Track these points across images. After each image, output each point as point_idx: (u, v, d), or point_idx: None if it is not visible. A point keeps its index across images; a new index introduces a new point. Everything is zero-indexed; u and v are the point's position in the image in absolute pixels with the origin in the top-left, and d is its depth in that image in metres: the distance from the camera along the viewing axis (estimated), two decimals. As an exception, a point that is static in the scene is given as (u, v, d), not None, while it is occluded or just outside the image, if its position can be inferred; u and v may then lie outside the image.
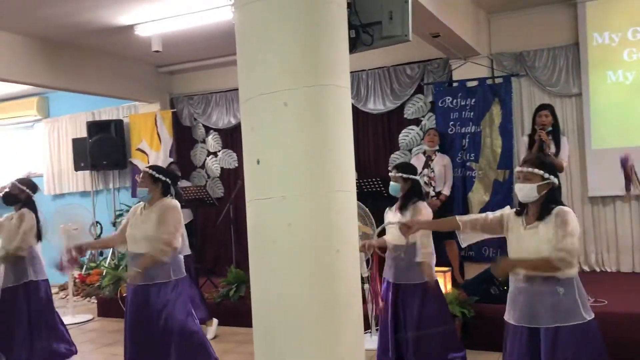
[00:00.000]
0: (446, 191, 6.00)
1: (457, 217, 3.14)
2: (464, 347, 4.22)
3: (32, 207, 4.89)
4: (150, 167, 4.06)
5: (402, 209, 4.00)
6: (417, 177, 4.11)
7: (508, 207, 3.04)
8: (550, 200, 2.81)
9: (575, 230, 2.72)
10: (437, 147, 6.07)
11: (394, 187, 4.03)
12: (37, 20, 5.83)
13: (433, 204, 5.67)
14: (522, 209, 2.90)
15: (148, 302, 3.80)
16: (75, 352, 4.95)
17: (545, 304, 2.75)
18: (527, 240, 2.81)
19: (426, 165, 6.00)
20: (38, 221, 4.87)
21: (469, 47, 5.91)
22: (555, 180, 2.83)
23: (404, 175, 4.01)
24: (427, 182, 5.89)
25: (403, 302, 4.02)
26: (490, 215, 3.05)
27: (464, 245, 3.25)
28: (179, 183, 5.11)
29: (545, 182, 2.80)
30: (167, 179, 3.99)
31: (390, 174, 4.14)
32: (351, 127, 2.68)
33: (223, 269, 6.83)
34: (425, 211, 3.97)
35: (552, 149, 5.19)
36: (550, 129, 5.20)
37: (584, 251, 6.19)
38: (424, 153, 6.18)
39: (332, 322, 2.54)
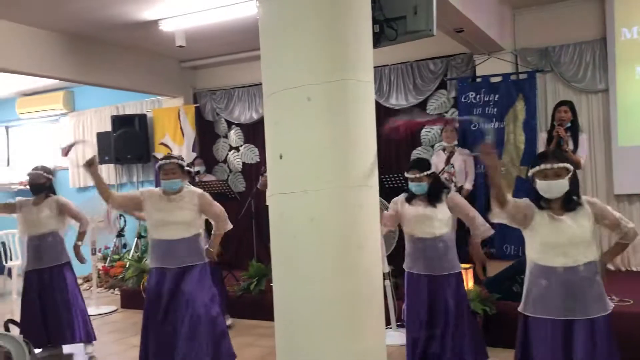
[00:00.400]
0: (468, 185, 5.90)
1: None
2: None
3: (54, 192, 5.22)
4: (178, 158, 4.19)
5: (434, 202, 4.00)
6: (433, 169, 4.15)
7: (526, 199, 2.99)
8: (574, 191, 2.85)
9: None
10: (455, 142, 5.99)
11: (421, 187, 4.00)
12: (63, 15, 5.92)
13: None
14: (545, 204, 2.86)
15: (181, 285, 3.98)
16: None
17: (584, 294, 2.74)
18: (563, 230, 2.79)
19: (447, 161, 5.95)
20: None
21: (493, 42, 5.85)
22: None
23: (427, 173, 4.02)
24: (447, 178, 5.84)
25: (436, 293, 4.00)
26: (521, 202, 2.99)
27: (494, 220, 3.21)
28: (205, 176, 5.34)
29: (571, 174, 2.81)
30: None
31: (408, 175, 4.05)
32: (374, 122, 2.67)
33: (244, 263, 6.87)
34: (458, 197, 4.09)
35: (570, 146, 5.16)
36: (568, 124, 5.17)
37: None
38: (444, 150, 6.13)
39: (354, 317, 2.54)
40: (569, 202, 2.82)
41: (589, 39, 6.14)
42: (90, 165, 4.16)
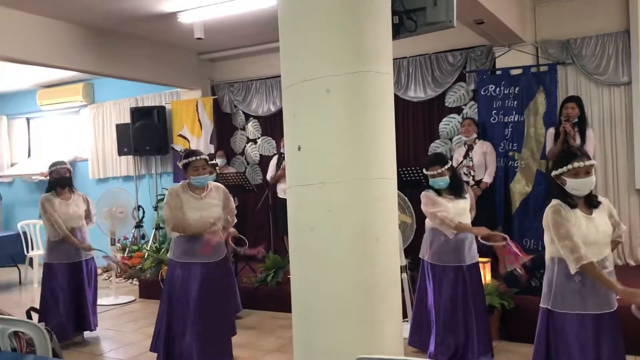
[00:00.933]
0: (487, 179, 5.82)
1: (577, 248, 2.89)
2: None
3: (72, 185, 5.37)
4: (203, 154, 4.30)
5: (459, 194, 4.15)
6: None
7: (554, 206, 2.91)
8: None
9: None
10: (474, 136, 5.92)
11: (445, 181, 4.10)
12: (83, 7, 5.96)
13: (474, 192, 5.60)
14: (575, 202, 2.88)
15: (218, 277, 4.20)
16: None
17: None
18: (597, 227, 2.85)
19: (465, 155, 5.91)
20: None
21: (513, 34, 5.78)
22: None
23: (447, 167, 4.11)
24: (465, 172, 5.79)
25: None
26: (572, 229, 2.85)
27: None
28: (226, 168, 5.46)
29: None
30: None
31: (429, 172, 4.12)
32: (393, 114, 2.66)
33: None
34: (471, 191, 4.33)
35: (578, 141, 5.18)
36: (575, 120, 5.21)
37: (630, 244, 6.02)
38: (465, 144, 6.07)
39: (371, 310, 2.54)
40: (592, 200, 2.89)
41: (612, 31, 6.03)
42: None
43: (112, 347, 5.15)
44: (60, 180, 5.16)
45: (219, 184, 4.38)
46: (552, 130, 5.53)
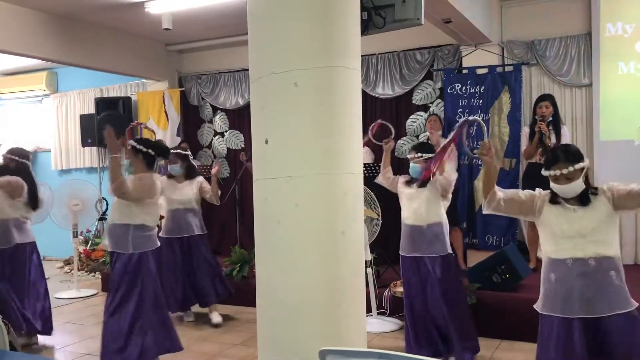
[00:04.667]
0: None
1: (501, 191, 3.03)
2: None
3: (25, 175, 4.89)
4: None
5: (423, 185, 4.09)
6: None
7: (539, 189, 2.93)
8: (587, 183, 2.79)
9: None
10: (439, 132, 6.00)
11: (415, 169, 4.10)
12: (48, -6, 5.83)
13: None
14: (557, 200, 2.81)
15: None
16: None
17: (601, 290, 2.66)
18: (573, 221, 2.74)
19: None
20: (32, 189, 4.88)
21: (480, 34, 5.87)
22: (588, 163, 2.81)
23: (425, 156, 4.08)
24: None
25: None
26: (522, 195, 2.96)
27: (485, 212, 3.12)
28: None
29: (584, 171, 2.77)
30: None
31: (409, 156, 4.19)
32: (360, 109, 2.68)
33: (227, 249, 6.87)
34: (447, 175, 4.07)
35: (553, 139, 5.27)
36: (550, 119, 5.29)
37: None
38: (428, 140, 6.14)
39: (335, 304, 2.56)
40: (585, 198, 2.76)
41: (575, 34, 6.19)
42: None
43: (74, 341, 5.06)
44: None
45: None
46: (526, 129, 5.58)
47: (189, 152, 5.87)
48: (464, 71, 6.41)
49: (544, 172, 2.82)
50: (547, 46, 6.29)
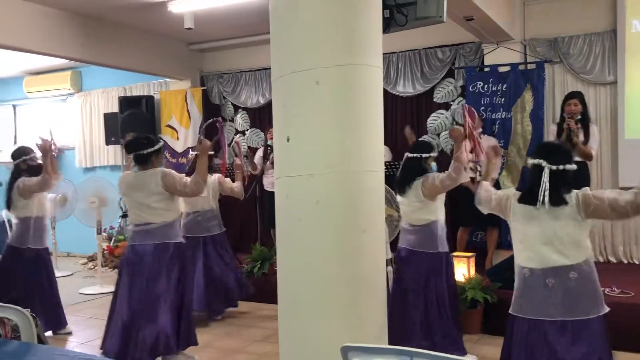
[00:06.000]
0: (494, 174, 5.77)
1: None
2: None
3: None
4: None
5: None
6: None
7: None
8: (561, 185, 2.74)
9: None
10: (480, 130, 5.86)
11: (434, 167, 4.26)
12: (73, -6, 5.92)
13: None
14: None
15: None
16: None
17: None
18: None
19: (471, 150, 5.85)
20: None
21: (502, 31, 5.82)
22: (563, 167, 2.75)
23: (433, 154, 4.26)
24: (472, 167, 5.75)
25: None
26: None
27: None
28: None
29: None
30: None
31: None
32: (382, 107, 2.68)
33: (247, 246, 6.91)
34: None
35: (581, 138, 5.16)
36: (579, 117, 5.16)
37: (612, 242, 6.11)
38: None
39: (356, 301, 2.57)
40: (552, 197, 2.70)
41: (599, 30, 6.10)
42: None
43: (98, 336, 5.14)
44: (30, 170, 4.99)
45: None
46: (553, 127, 5.46)
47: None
48: (486, 69, 6.36)
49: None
50: (570, 43, 6.21)
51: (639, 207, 2.57)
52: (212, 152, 4.81)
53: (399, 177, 4.25)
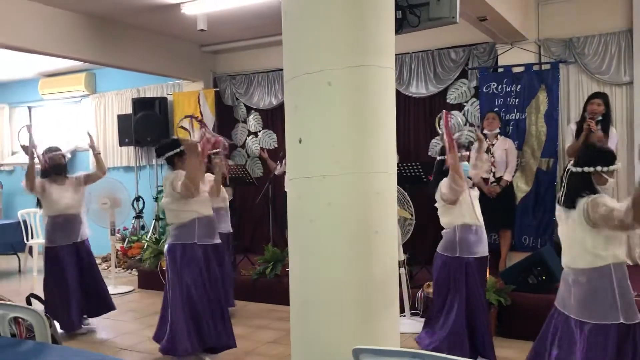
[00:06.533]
0: (507, 176, 5.71)
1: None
2: None
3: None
4: None
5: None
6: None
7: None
8: (576, 189, 2.87)
9: None
10: (497, 131, 5.79)
11: (466, 168, 4.12)
12: (87, -3, 5.97)
13: (493, 189, 5.58)
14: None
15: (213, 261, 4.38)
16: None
17: (576, 295, 2.80)
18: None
19: (487, 150, 5.81)
20: None
21: (516, 31, 5.78)
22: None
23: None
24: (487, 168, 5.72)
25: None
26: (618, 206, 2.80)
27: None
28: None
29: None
30: None
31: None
32: (394, 108, 2.66)
33: (260, 247, 6.93)
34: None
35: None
36: (600, 118, 5.08)
37: (629, 245, 6.03)
38: (486, 137, 5.89)
39: (368, 303, 2.55)
40: (565, 199, 2.85)
41: (615, 30, 6.03)
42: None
43: (111, 336, 5.18)
44: (55, 167, 5.17)
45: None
46: (573, 126, 5.38)
47: None
48: (500, 70, 6.31)
49: (609, 168, 2.84)
50: (585, 44, 6.15)
51: (625, 225, 2.60)
52: (215, 151, 4.77)
53: None
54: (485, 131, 5.88)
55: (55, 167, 5.19)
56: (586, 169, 2.80)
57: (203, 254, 4.24)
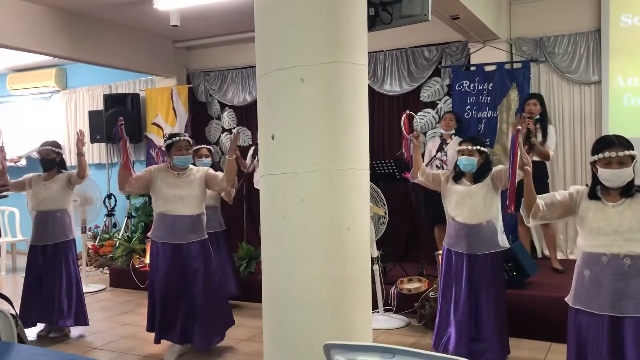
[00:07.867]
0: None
1: (539, 198, 2.94)
2: None
3: (65, 167, 5.30)
4: (186, 136, 4.49)
5: (479, 181, 3.93)
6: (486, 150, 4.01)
7: (576, 186, 2.92)
8: (634, 179, 2.74)
9: None
10: (453, 131, 5.96)
11: (471, 162, 3.89)
12: (57, -10, 5.86)
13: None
14: (602, 192, 2.78)
15: (186, 260, 4.34)
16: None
17: (631, 289, 2.62)
18: (611, 217, 2.71)
19: (440, 149, 5.96)
20: None
21: (488, 30, 5.85)
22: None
23: (481, 148, 3.91)
24: (438, 165, 5.86)
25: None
26: (558, 197, 2.91)
27: (530, 224, 3.11)
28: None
29: (635, 161, 2.72)
30: None
31: (460, 148, 3.96)
32: (367, 105, 2.67)
33: (234, 245, 6.88)
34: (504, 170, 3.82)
35: (539, 137, 5.29)
36: (537, 117, 5.34)
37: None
38: (441, 136, 6.13)
39: (341, 298, 2.56)
40: (628, 190, 2.71)
41: (584, 30, 6.15)
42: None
43: (82, 335, 5.10)
44: (42, 162, 5.06)
45: (200, 167, 4.53)
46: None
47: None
48: (472, 68, 6.39)
49: (592, 158, 2.75)
50: (555, 43, 6.26)
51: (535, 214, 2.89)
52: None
53: None
54: (441, 131, 6.05)
55: (43, 162, 5.05)
56: (635, 153, 2.73)
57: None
